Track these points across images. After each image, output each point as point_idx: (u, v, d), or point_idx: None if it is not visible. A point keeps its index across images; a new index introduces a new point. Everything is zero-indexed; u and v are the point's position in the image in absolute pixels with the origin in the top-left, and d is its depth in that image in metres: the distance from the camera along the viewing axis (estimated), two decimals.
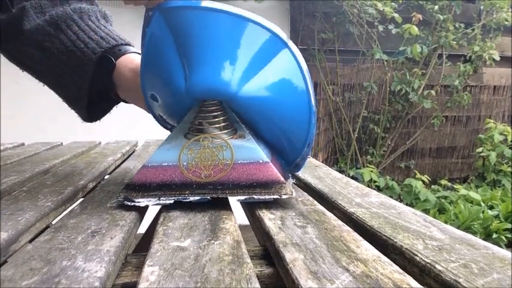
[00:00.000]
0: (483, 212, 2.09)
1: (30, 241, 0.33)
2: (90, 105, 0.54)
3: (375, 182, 2.39)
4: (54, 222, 0.37)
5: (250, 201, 0.40)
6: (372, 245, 0.30)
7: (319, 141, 2.60)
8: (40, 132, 1.65)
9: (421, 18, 2.30)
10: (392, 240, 0.31)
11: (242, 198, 0.40)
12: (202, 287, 0.23)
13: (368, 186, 0.57)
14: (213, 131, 0.42)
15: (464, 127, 2.98)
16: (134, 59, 0.52)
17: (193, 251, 0.29)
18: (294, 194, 0.40)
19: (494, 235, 1.96)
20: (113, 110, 0.59)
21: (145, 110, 0.52)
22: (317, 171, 0.60)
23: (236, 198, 0.40)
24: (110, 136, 1.14)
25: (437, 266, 0.26)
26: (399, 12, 2.31)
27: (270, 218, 0.36)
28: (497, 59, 2.45)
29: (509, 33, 2.74)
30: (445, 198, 2.41)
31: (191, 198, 0.40)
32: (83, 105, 0.54)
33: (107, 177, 0.62)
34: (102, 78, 0.51)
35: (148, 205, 0.40)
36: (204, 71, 0.41)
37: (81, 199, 0.46)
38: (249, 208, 0.42)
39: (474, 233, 1.96)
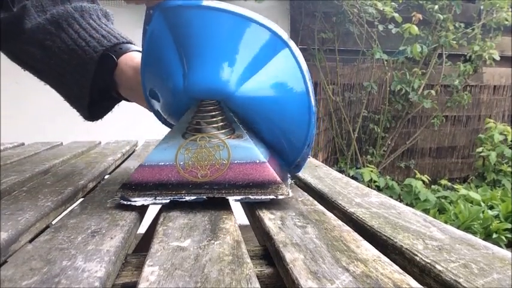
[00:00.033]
0: (483, 212, 2.09)
1: (30, 241, 0.33)
2: (92, 104, 0.54)
3: (375, 182, 2.39)
4: (54, 222, 0.37)
5: (247, 201, 0.40)
6: (372, 245, 0.30)
7: (319, 141, 2.60)
8: (40, 132, 1.65)
9: (421, 18, 2.30)
10: (392, 240, 0.31)
11: (238, 198, 0.39)
12: (202, 287, 0.23)
13: (368, 186, 0.57)
14: (211, 130, 0.42)
15: (464, 127, 2.98)
16: (135, 57, 0.52)
17: (193, 251, 0.29)
18: (291, 195, 0.40)
19: (494, 235, 1.96)
20: (114, 109, 0.59)
21: (147, 109, 0.52)
22: (317, 171, 0.60)
23: (232, 198, 0.39)
24: (110, 136, 1.14)
25: (437, 266, 0.26)
26: (399, 11, 2.31)
27: (270, 218, 0.36)
28: (497, 58, 2.45)
29: (509, 33, 2.74)
30: (445, 198, 2.41)
31: (187, 198, 0.40)
32: (84, 104, 0.53)
33: (107, 177, 0.62)
34: (104, 77, 0.51)
35: (144, 204, 0.40)
36: (202, 70, 0.41)
37: (81, 199, 0.46)
38: (249, 208, 0.42)
39: (474, 233, 1.96)
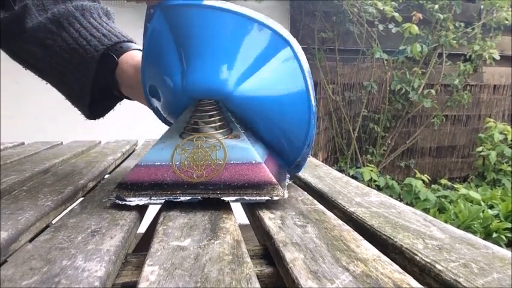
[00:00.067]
0: (483, 212, 2.09)
1: (30, 240, 0.33)
2: (93, 103, 0.54)
3: (374, 181, 2.39)
4: (54, 222, 0.37)
5: (241, 202, 0.40)
6: (372, 244, 0.30)
7: (319, 140, 2.60)
8: (40, 131, 1.65)
9: (421, 18, 2.30)
10: (392, 239, 0.31)
11: (233, 198, 0.39)
12: (202, 287, 0.23)
13: (368, 186, 0.57)
14: (209, 130, 0.42)
15: (464, 126, 2.98)
16: (136, 55, 0.52)
17: (193, 250, 0.29)
18: (286, 196, 0.40)
19: (494, 234, 1.96)
20: (115, 108, 0.59)
21: (148, 107, 0.52)
22: (317, 171, 0.60)
23: (227, 198, 0.39)
24: (110, 135, 1.14)
25: (437, 265, 0.26)
26: (399, 11, 2.31)
27: (270, 218, 0.36)
28: (497, 58, 2.45)
29: (509, 33, 2.74)
30: (445, 197, 2.41)
31: (182, 198, 0.39)
32: (85, 103, 0.53)
33: (107, 176, 0.62)
34: (105, 76, 0.51)
35: (139, 204, 0.39)
36: (200, 69, 0.41)
37: (81, 198, 0.46)
38: (249, 208, 0.42)
39: (474, 232, 1.96)
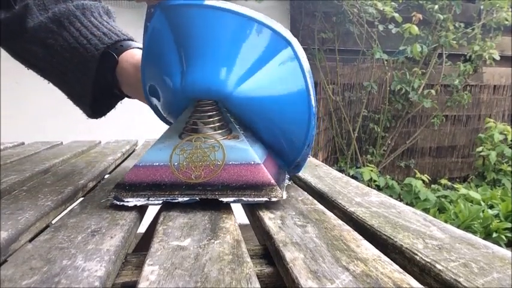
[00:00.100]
0: (483, 211, 2.09)
1: (30, 240, 0.33)
2: (95, 102, 0.54)
3: (374, 181, 2.39)
4: (54, 222, 0.37)
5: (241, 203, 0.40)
6: (372, 244, 0.30)
7: (319, 140, 2.60)
8: (40, 131, 1.65)
9: (421, 18, 2.30)
10: (392, 239, 0.31)
11: (231, 200, 0.39)
12: (202, 287, 0.23)
13: (368, 186, 0.57)
14: (208, 131, 0.42)
15: (464, 126, 2.98)
16: (136, 54, 0.52)
17: (193, 250, 0.29)
18: (285, 197, 0.40)
19: (494, 234, 1.96)
20: (116, 107, 0.59)
21: (148, 106, 0.52)
22: (317, 171, 0.60)
23: (225, 199, 0.39)
24: (110, 135, 1.14)
25: (437, 265, 0.26)
26: (399, 11, 2.31)
27: (270, 218, 0.36)
28: (497, 58, 2.45)
29: (509, 33, 2.74)
30: (445, 197, 2.41)
31: (180, 199, 0.39)
32: (86, 102, 0.54)
33: (107, 176, 0.62)
34: (105, 75, 0.51)
35: (137, 205, 0.39)
36: (200, 70, 0.41)
37: (81, 198, 0.46)
38: (249, 207, 0.42)
39: (474, 232, 1.96)
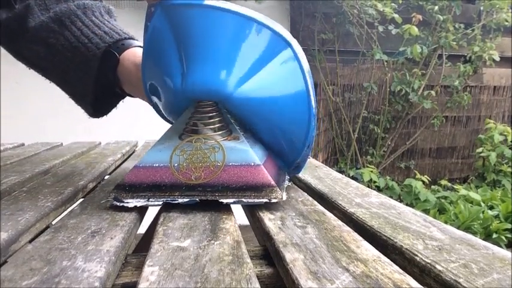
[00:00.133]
0: (483, 212, 2.09)
1: (30, 241, 0.33)
2: (96, 101, 0.54)
3: (374, 182, 2.39)
4: (54, 223, 0.37)
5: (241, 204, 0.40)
6: (372, 245, 0.30)
7: (319, 141, 2.60)
8: (40, 132, 1.65)
9: (421, 19, 2.30)
10: (392, 240, 0.31)
11: (231, 201, 0.39)
12: (202, 287, 0.23)
13: (368, 187, 0.57)
14: (208, 132, 0.42)
15: (464, 127, 2.98)
16: (137, 52, 0.52)
17: (193, 251, 0.29)
18: (285, 198, 0.40)
19: (494, 235, 1.96)
20: (115, 108, 0.59)
21: (150, 104, 0.52)
22: (317, 172, 0.60)
23: (225, 201, 0.39)
24: (110, 136, 1.14)
25: (437, 266, 0.26)
26: (399, 12, 2.32)
27: (270, 218, 0.36)
28: (497, 59, 2.45)
29: (509, 34, 2.74)
30: (445, 198, 2.41)
31: (180, 200, 0.39)
32: (88, 101, 0.54)
33: (107, 177, 0.62)
34: (107, 73, 0.51)
35: (137, 206, 0.39)
36: (200, 70, 0.40)
37: (81, 199, 0.46)
38: (249, 208, 0.42)
39: (474, 233, 1.96)
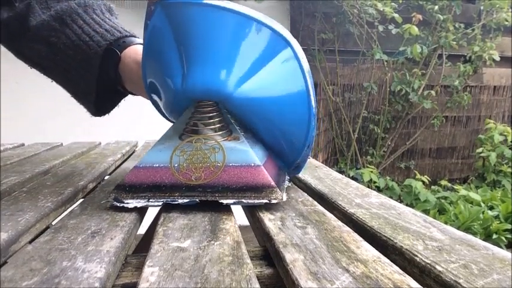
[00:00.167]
0: (483, 213, 2.09)
1: (30, 242, 0.33)
2: (98, 99, 0.54)
3: (374, 182, 2.39)
4: (54, 223, 0.37)
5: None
6: (372, 245, 0.30)
7: (319, 141, 2.60)
8: (40, 132, 1.65)
9: (421, 19, 2.30)
10: (392, 240, 0.31)
11: (231, 201, 0.39)
12: None
13: (368, 187, 0.57)
14: (208, 132, 0.42)
15: (464, 127, 2.98)
16: (138, 50, 0.52)
17: (193, 251, 0.29)
18: (285, 199, 0.40)
19: (494, 236, 1.96)
20: (115, 108, 0.59)
21: (150, 101, 0.52)
22: (317, 172, 0.60)
23: (225, 201, 0.38)
24: (109, 137, 1.14)
25: (437, 266, 0.26)
26: (399, 12, 2.31)
27: (270, 219, 0.36)
28: (497, 59, 2.45)
29: (509, 34, 2.74)
30: (445, 198, 2.41)
31: (180, 201, 0.39)
32: (90, 100, 0.54)
33: (107, 177, 0.62)
34: (108, 71, 0.51)
35: (137, 206, 0.39)
36: (200, 70, 0.40)
37: (81, 200, 0.46)
38: (249, 209, 0.42)
39: (474, 233, 1.96)
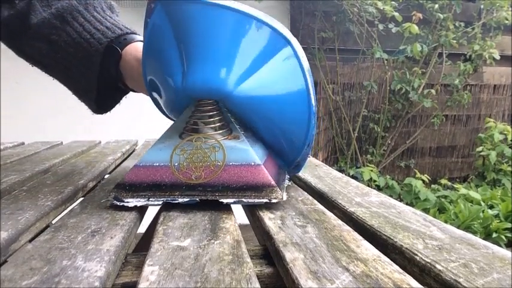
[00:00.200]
0: (483, 212, 2.09)
1: (30, 240, 0.33)
2: (100, 97, 0.54)
3: (374, 181, 2.39)
4: (54, 222, 0.37)
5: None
6: (372, 244, 0.30)
7: (319, 140, 2.60)
8: (40, 131, 1.65)
9: (421, 17, 2.30)
10: (392, 239, 0.31)
11: (231, 201, 0.39)
12: (202, 287, 0.23)
13: (368, 186, 0.57)
14: (208, 131, 0.42)
15: (464, 126, 2.98)
16: (139, 47, 0.51)
17: (193, 250, 0.29)
18: (285, 198, 0.40)
19: (494, 234, 1.96)
20: (118, 104, 0.58)
21: (151, 99, 0.52)
22: (317, 171, 0.60)
23: (225, 200, 0.38)
24: (110, 135, 1.14)
25: (437, 265, 0.26)
26: (399, 11, 2.31)
27: (270, 218, 0.36)
28: (498, 58, 2.45)
29: (509, 32, 2.74)
30: (445, 197, 2.41)
31: (180, 200, 0.39)
32: (92, 97, 0.54)
33: (107, 176, 0.62)
34: (109, 69, 0.51)
35: (137, 205, 0.39)
36: (200, 69, 0.40)
37: (81, 198, 0.46)
38: (249, 208, 0.42)
39: (474, 232, 1.96)
